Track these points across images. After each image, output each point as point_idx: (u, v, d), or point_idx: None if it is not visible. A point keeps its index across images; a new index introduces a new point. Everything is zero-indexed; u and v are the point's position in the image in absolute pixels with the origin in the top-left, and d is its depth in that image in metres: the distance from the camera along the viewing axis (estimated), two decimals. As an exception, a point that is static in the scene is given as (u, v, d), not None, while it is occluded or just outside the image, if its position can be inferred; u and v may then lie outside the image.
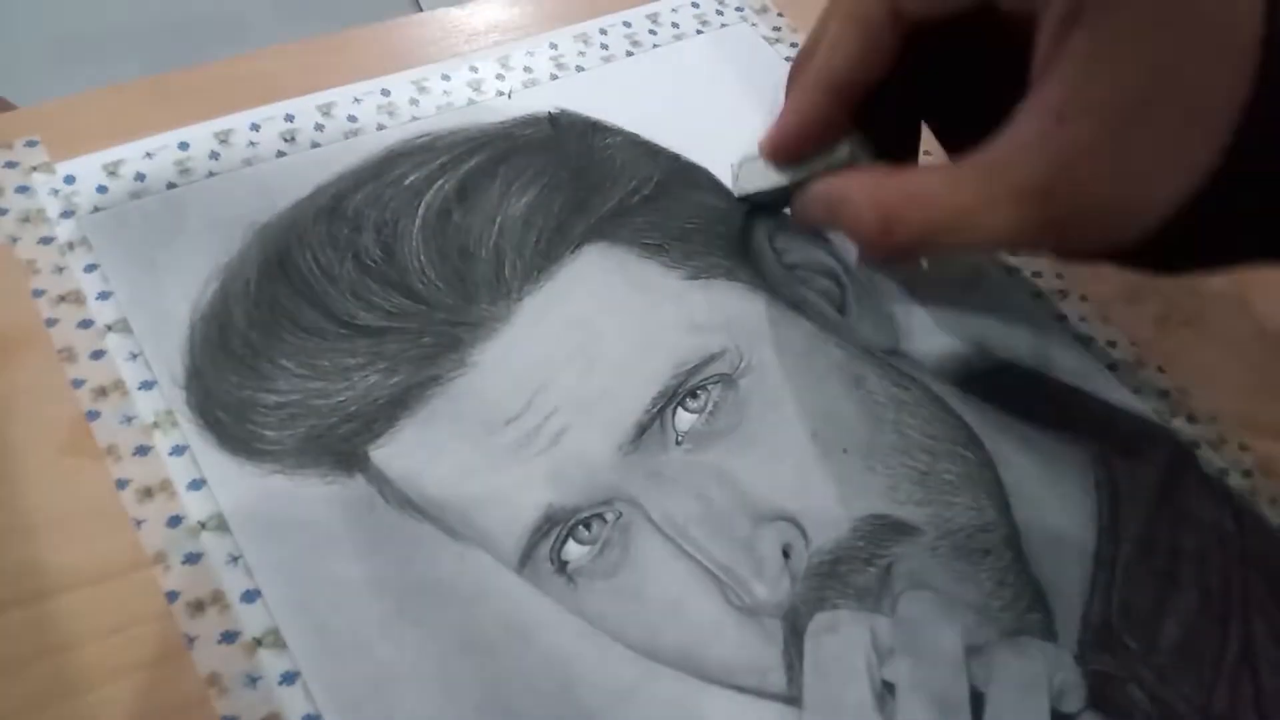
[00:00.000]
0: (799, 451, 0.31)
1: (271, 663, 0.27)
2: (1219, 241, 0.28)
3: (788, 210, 0.35)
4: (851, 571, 0.29)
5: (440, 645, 0.28)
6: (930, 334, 0.37)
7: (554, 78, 0.42)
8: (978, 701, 0.28)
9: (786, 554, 0.29)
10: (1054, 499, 0.33)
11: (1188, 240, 0.26)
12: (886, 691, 0.28)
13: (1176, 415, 0.36)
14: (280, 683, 0.27)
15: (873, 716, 0.27)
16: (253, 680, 0.27)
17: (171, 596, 0.28)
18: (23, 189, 0.35)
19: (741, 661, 0.29)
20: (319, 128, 0.38)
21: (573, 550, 0.29)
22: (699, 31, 0.45)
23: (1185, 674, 0.30)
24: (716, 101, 0.43)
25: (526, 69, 0.42)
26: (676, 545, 0.29)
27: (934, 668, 0.28)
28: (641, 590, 0.29)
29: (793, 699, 0.28)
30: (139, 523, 0.29)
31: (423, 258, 0.33)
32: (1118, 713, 0.29)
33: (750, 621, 0.29)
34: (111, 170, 0.36)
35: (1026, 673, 0.28)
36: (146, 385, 0.31)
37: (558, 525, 0.29)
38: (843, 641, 0.28)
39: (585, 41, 0.44)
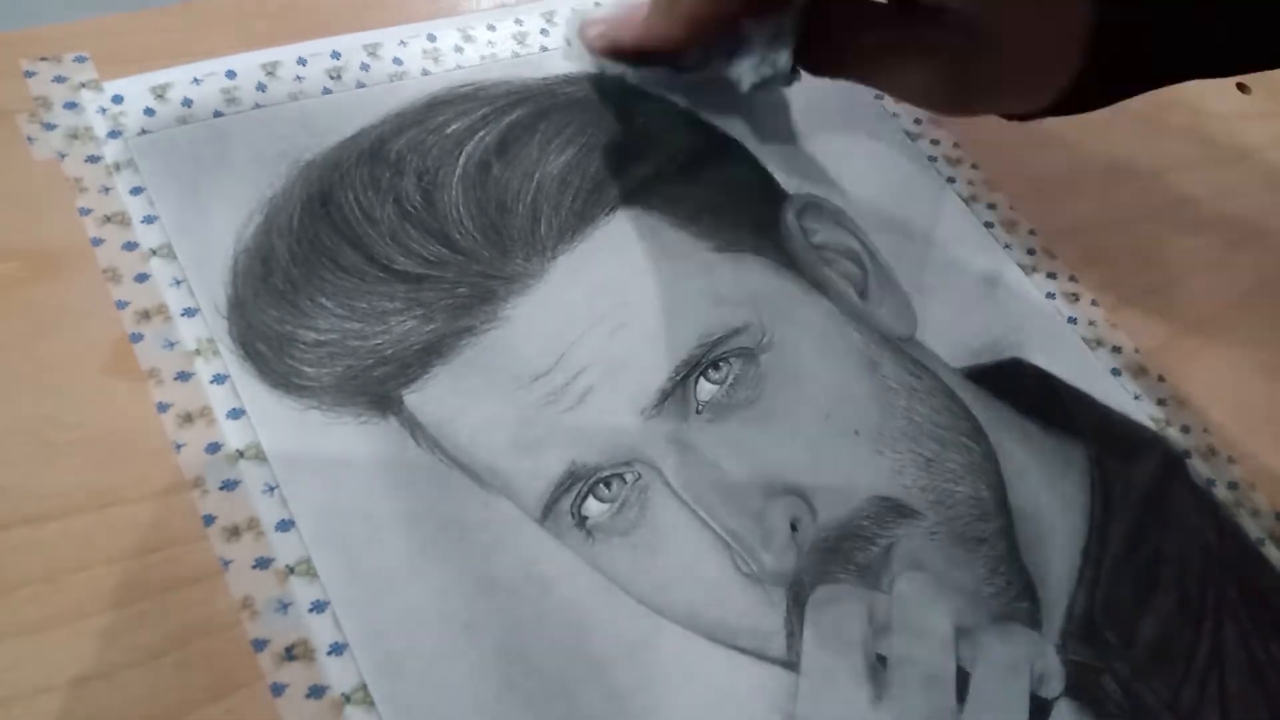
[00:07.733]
0: (813, 429, 0.32)
1: (302, 591, 0.28)
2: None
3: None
4: (854, 549, 0.31)
5: (463, 587, 0.29)
6: (943, 326, 0.38)
7: (598, 36, 0.42)
8: (963, 680, 0.29)
9: (794, 527, 0.31)
10: (1050, 495, 0.34)
11: None
12: (879, 664, 0.30)
13: (1172, 424, 0.37)
14: (310, 610, 0.28)
15: (864, 686, 0.29)
16: (284, 606, 0.28)
17: (208, 520, 0.29)
18: (71, 105, 0.35)
19: (745, 625, 0.30)
20: (364, 68, 0.39)
21: (593, 507, 0.31)
22: (743, 2, 0.46)
23: (1157, 671, 0.31)
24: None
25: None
26: (691, 510, 0.31)
27: (925, 645, 0.30)
28: (655, 550, 0.31)
29: (791, 664, 0.30)
30: (179, 446, 0.29)
31: (461, 209, 0.34)
32: (1092, 702, 0.30)
33: (756, 588, 0.30)
34: (159, 93, 0.36)
35: (1010, 657, 0.30)
36: (189, 312, 0.32)
37: (579, 482, 0.31)
38: (841, 614, 0.30)
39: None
